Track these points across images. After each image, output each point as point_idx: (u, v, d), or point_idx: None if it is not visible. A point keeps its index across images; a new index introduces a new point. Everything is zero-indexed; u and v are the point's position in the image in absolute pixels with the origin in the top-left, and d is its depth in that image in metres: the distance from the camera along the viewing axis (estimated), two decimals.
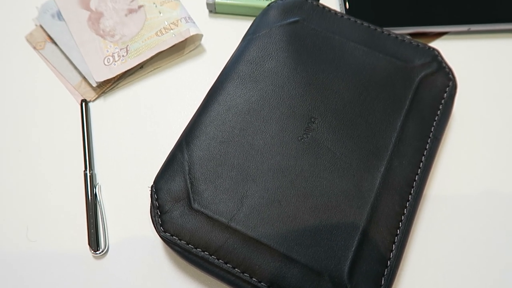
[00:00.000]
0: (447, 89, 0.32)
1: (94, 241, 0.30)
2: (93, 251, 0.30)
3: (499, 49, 0.37)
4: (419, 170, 0.29)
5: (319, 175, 0.28)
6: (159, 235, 0.27)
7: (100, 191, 0.32)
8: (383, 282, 0.26)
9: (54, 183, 0.33)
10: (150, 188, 0.31)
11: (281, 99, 0.31)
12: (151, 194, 0.28)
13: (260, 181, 0.28)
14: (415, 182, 0.29)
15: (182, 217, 0.27)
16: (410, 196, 0.29)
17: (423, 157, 0.30)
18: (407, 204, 0.28)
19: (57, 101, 0.36)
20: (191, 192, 0.28)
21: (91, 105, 0.36)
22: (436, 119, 0.31)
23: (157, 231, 0.27)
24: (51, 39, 0.38)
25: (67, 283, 0.29)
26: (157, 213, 0.28)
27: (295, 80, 0.32)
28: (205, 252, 0.27)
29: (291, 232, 0.27)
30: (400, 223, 0.28)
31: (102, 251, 0.30)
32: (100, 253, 0.30)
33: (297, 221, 0.27)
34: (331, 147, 0.29)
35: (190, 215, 0.27)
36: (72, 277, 0.30)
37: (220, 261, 0.26)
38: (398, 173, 0.29)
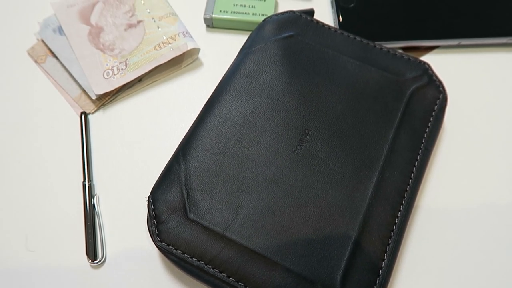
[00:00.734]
0: (438, 101, 0.33)
1: (92, 251, 0.31)
2: (90, 260, 0.30)
3: (488, 62, 0.38)
4: (410, 180, 0.30)
5: (313, 185, 0.29)
6: (155, 244, 0.28)
7: (98, 201, 0.33)
8: None
9: (53, 193, 0.33)
10: (147, 199, 0.31)
11: (275, 111, 0.32)
12: (148, 205, 0.29)
13: (254, 191, 0.29)
14: (406, 193, 0.30)
15: (178, 227, 0.28)
16: (401, 206, 0.29)
17: (414, 168, 0.30)
18: (399, 214, 0.29)
19: (57, 113, 0.36)
20: (187, 203, 0.28)
21: (90, 117, 0.36)
22: (427, 130, 0.32)
23: (153, 241, 0.28)
24: (52, 53, 0.39)
25: None
26: (154, 223, 0.28)
27: (289, 93, 0.32)
28: (201, 262, 0.27)
29: (285, 241, 0.27)
30: (392, 232, 0.28)
31: (100, 260, 0.31)
32: (97, 262, 0.31)
33: (291, 231, 0.28)
34: (325, 158, 0.30)
35: (186, 225, 0.28)
36: (70, 286, 0.30)
37: (215, 270, 0.27)
38: (390, 184, 0.30)
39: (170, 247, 0.28)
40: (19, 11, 0.41)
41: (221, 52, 0.39)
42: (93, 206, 0.32)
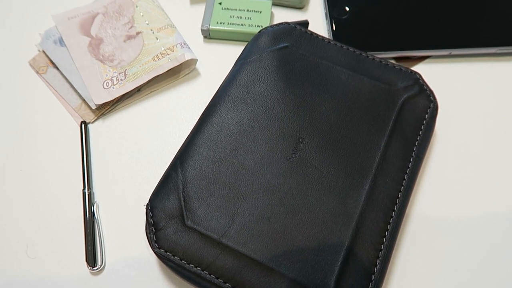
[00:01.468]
0: (429, 110, 0.34)
1: (91, 258, 0.31)
2: (90, 267, 0.31)
3: (478, 72, 0.39)
4: (402, 187, 0.31)
5: (307, 193, 0.30)
6: (153, 251, 0.29)
7: (98, 209, 0.34)
8: None
9: (53, 201, 0.34)
10: (145, 206, 0.32)
11: (270, 120, 0.32)
12: (146, 212, 0.30)
13: (250, 199, 0.30)
14: (398, 199, 0.30)
15: (175, 234, 0.29)
16: (393, 213, 0.30)
17: (406, 175, 0.31)
18: (391, 221, 0.30)
19: (58, 122, 0.37)
20: (184, 210, 0.29)
21: (90, 126, 0.37)
22: (418, 139, 0.33)
23: (152, 248, 0.29)
24: (53, 64, 0.40)
25: None
26: (152, 230, 0.29)
27: (284, 102, 0.33)
28: (198, 268, 0.28)
29: (279, 247, 0.28)
30: (384, 238, 0.29)
31: (99, 267, 0.31)
32: (97, 269, 0.31)
33: (285, 237, 0.28)
34: (318, 166, 0.31)
35: (183, 232, 0.29)
36: None
37: (212, 276, 0.28)
38: (382, 191, 0.30)
39: (168, 253, 0.28)
40: (21, 23, 0.42)
41: (218, 63, 0.40)
42: (92, 214, 0.33)
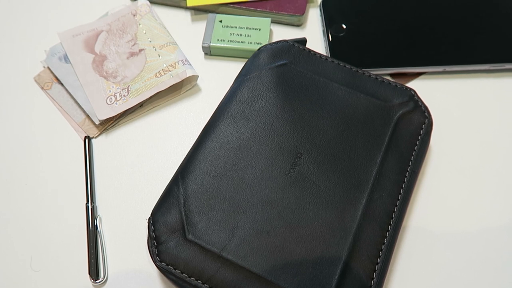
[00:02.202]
0: (423, 126, 0.35)
1: (94, 271, 0.32)
2: (93, 280, 0.32)
3: (471, 88, 0.40)
4: (398, 202, 0.31)
5: (305, 207, 0.31)
6: (155, 264, 0.29)
7: (101, 222, 0.34)
8: None
9: (57, 215, 0.35)
10: (147, 220, 0.33)
11: (270, 136, 0.33)
12: (148, 226, 0.30)
13: (250, 213, 0.30)
14: (394, 214, 0.31)
15: (177, 247, 0.29)
16: (389, 227, 0.31)
17: (401, 189, 0.32)
18: (387, 234, 0.30)
19: (62, 137, 0.38)
20: (185, 224, 0.30)
21: (93, 141, 0.38)
22: (413, 154, 0.33)
23: (153, 261, 0.29)
24: (57, 80, 0.41)
25: None
26: (154, 243, 0.30)
27: (283, 118, 0.34)
28: (199, 281, 0.28)
29: (278, 261, 0.29)
30: (381, 252, 0.30)
31: (102, 280, 0.32)
32: (99, 282, 0.32)
33: (284, 250, 0.29)
34: (316, 180, 0.32)
35: (184, 246, 0.29)
36: None
37: None
38: (378, 205, 0.31)
39: (170, 266, 0.29)
40: (27, 40, 0.43)
41: (218, 79, 0.41)
42: (95, 227, 0.34)
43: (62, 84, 0.40)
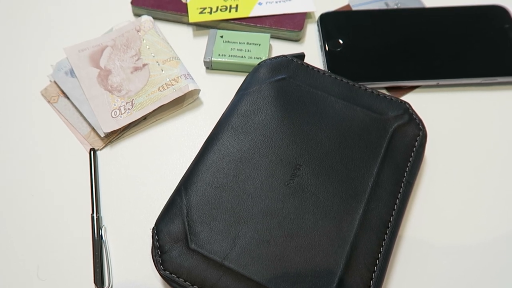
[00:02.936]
0: (418, 138, 0.36)
1: (99, 279, 0.33)
2: None
3: (464, 101, 0.41)
4: (394, 212, 0.32)
5: (304, 217, 0.32)
6: (159, 273, 0.30)
7: (106, 232, 0.35)
8: None
9: (63, 225, 0.36)
10: (151, 230, 0.34)
11: (269, 148, 0.34)
12: (152, 235, 0.31)
13: (251, 223, 0.31)
14: (390, 223, 0.32)
15: (180, 256, 0.30)
16: (386, 236, 0.32)
17: (397, 200, 0.33)
18: (383, 243, 0.31)
19: (68, 149, 0.39)
20: (188, 234, 0.31)
21: (99, 153, 0.39)
22: (408, 165, 0.35)
23: (157, 270, 0.30)
24: (64, 94, 0.42)
25: None
26: (158, 252, 0.31)
27: (282, 131, 0.35)
28: None
29: (278, 269, 0.30)
30: (377, 260, 0.31)
31: None
32: None
33: (284, 259, 0.30)
34: (315, 191, 0.33)
35: (187, 255, 0.30)
36: None
37: None
38: (375, 215, 0.32)
39: (173, 275, 0.30)
40: (34, 54, 0.45)
41: (219, 92, 0.42)
42: (100, 237, 0.35)
43: (68, 98, 0.42)
